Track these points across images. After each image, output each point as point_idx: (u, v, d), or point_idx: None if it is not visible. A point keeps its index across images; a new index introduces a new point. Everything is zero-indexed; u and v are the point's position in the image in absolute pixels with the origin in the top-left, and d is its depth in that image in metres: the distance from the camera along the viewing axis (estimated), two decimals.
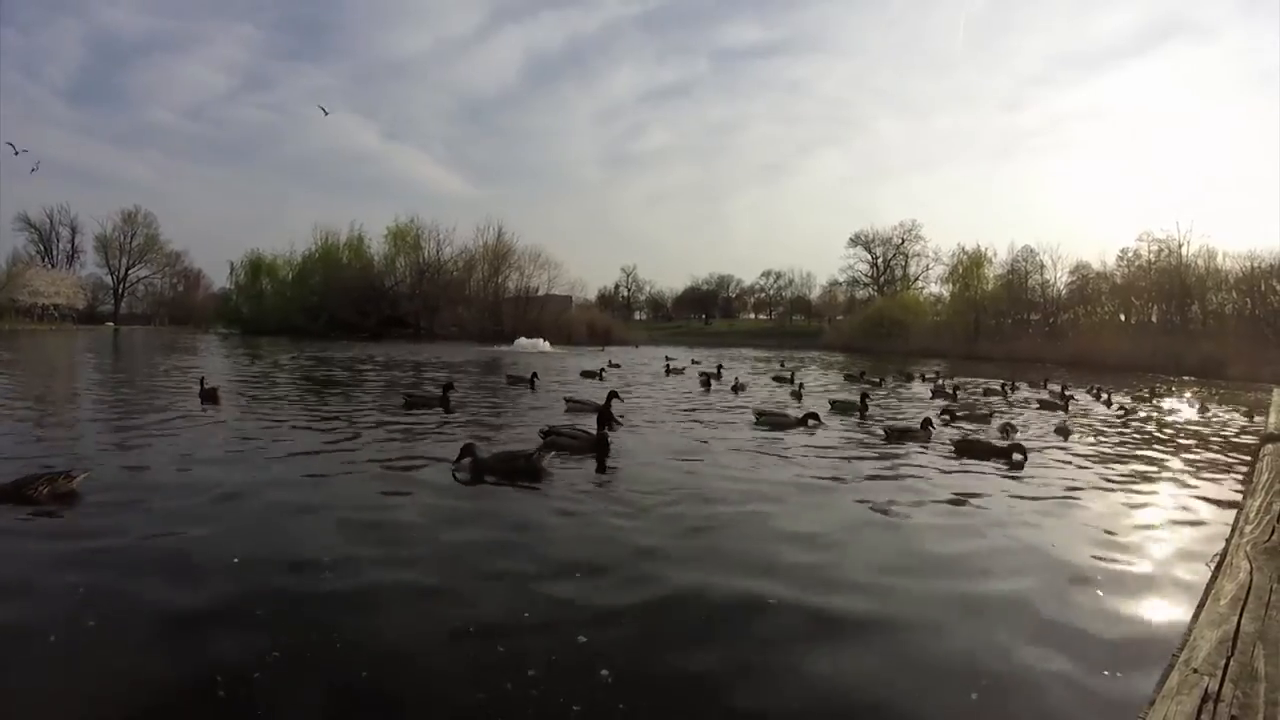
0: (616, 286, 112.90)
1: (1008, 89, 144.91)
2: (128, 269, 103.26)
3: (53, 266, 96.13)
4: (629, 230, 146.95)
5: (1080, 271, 59.00)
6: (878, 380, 21.94)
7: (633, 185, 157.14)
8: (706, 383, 17.60)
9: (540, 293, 64.58)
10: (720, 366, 20.67)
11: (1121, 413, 14.17)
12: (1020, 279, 61.97)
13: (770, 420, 10.74)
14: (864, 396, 13.52)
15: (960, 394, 17.20)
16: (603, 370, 21.43)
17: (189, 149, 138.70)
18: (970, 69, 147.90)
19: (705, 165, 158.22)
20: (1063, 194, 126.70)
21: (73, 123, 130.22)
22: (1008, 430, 10.46)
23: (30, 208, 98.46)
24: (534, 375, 16.60)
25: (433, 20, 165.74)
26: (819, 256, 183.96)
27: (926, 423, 9.97)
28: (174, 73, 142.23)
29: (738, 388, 16.82)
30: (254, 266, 73.52)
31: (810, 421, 10.49)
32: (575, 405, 11.62)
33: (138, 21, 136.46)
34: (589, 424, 8.25)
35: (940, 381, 20.74)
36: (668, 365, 18.51)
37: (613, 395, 10.62)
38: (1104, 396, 17.25)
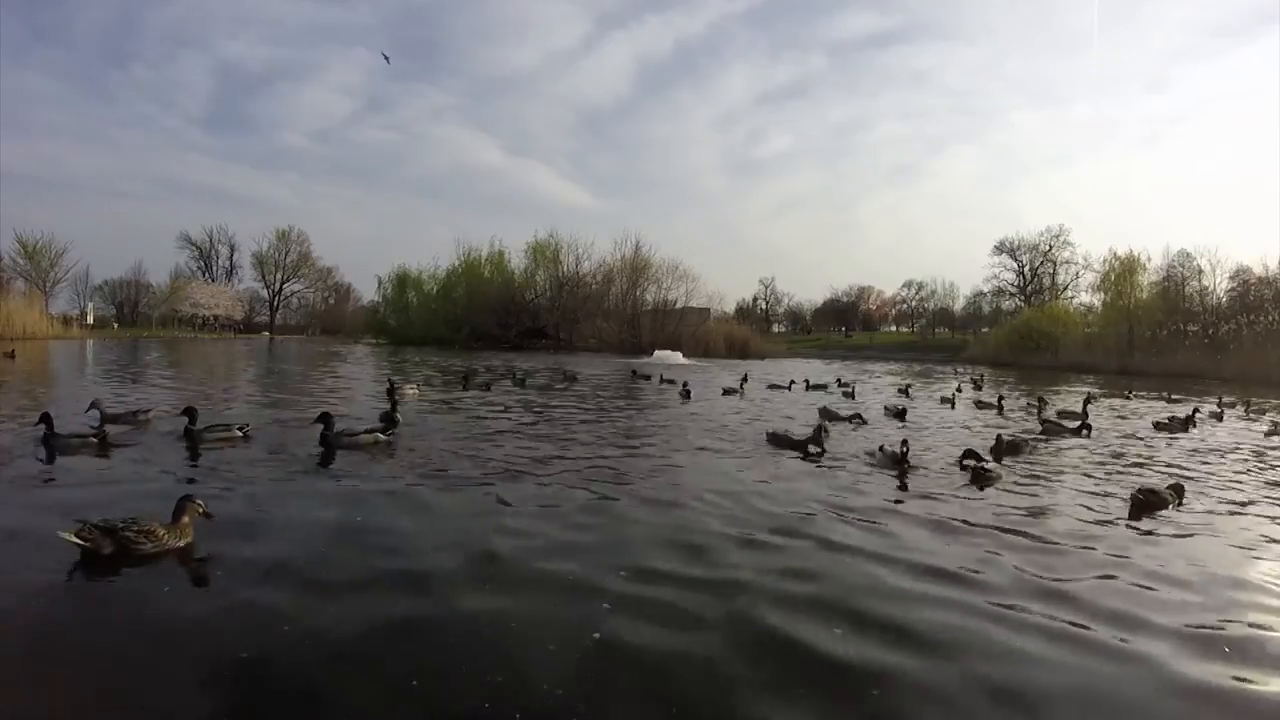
0: (755, 299, 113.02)
1: (1151, 67, 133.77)
2: (282, 283, 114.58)
3: (212, 281, 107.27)
4: (758, 240, 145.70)
5: (1241, 276, 54.48)
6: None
7: (758, 193, 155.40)
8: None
9: (678, 305, 65.73)
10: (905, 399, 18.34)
11: None
12: (1177, 286, 57.72)
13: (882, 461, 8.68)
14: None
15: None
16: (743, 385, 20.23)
17: (322, 170, 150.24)
18: (1108, 46, 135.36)
19: (831, 169, 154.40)
20: (1214, 186, 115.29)
21: (211, 148, 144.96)
22: (1177, 490, 7.29)
23: (191, 227, 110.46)
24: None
25: (537, 33, 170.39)
26: (961, 264, 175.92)
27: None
28: (298, 99, 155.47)
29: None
30: (400, 280, 79.05)
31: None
32: (776, 439, 10.43)
33: (257, 52, 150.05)
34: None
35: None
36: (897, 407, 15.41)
37: (821, 429, 10.13)
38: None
